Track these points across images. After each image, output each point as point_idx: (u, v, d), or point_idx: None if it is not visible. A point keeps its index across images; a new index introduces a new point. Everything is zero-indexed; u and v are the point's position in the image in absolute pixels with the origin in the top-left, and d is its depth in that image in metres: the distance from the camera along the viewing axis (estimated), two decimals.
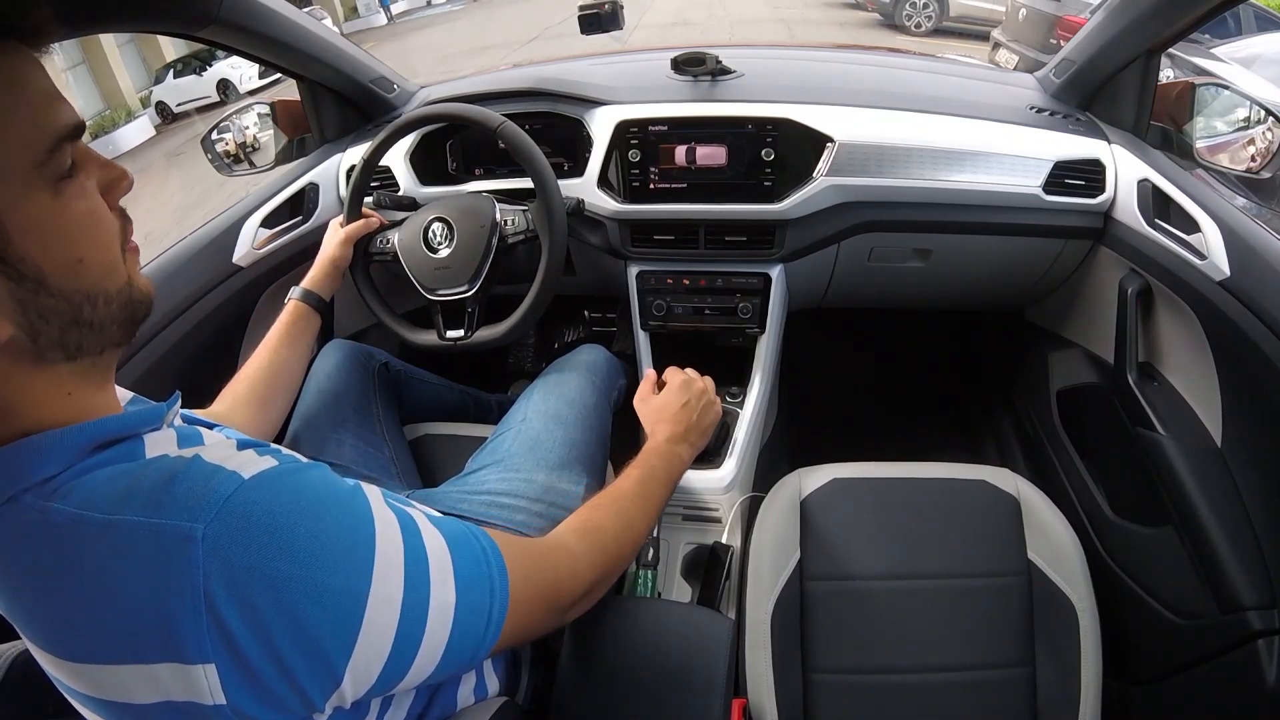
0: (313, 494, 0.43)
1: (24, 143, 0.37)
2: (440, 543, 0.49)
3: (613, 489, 0.75)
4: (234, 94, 10.68)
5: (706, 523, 1.12)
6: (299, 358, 0.97)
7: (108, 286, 0.42)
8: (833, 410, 1.70)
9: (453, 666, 0.49)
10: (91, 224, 0.41)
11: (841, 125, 1.09)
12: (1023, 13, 4.87)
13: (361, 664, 0.42)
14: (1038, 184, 1.08)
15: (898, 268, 1.23)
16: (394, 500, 0.50)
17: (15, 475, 0.40)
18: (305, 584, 0.40)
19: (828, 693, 0.84)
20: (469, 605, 0.48)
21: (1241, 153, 1.04)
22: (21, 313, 0.39)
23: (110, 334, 0.44)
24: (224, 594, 0.38)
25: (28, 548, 0.40)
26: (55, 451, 0.41)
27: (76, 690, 0.41)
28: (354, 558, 0.43)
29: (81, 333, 0.41)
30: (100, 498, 0.39)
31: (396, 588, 0.44)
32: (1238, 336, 0.82)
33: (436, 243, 1.05)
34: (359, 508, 0.45)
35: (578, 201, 1.15)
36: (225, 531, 0.38)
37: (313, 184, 1.26)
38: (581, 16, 1.19)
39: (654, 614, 0.77)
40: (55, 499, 0.39)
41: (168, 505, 0.39)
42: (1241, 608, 0.80)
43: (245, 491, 0.40)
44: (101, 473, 0.41)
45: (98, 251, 0.42)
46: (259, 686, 0.39)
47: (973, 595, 0.88)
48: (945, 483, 0.97)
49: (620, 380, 1.17)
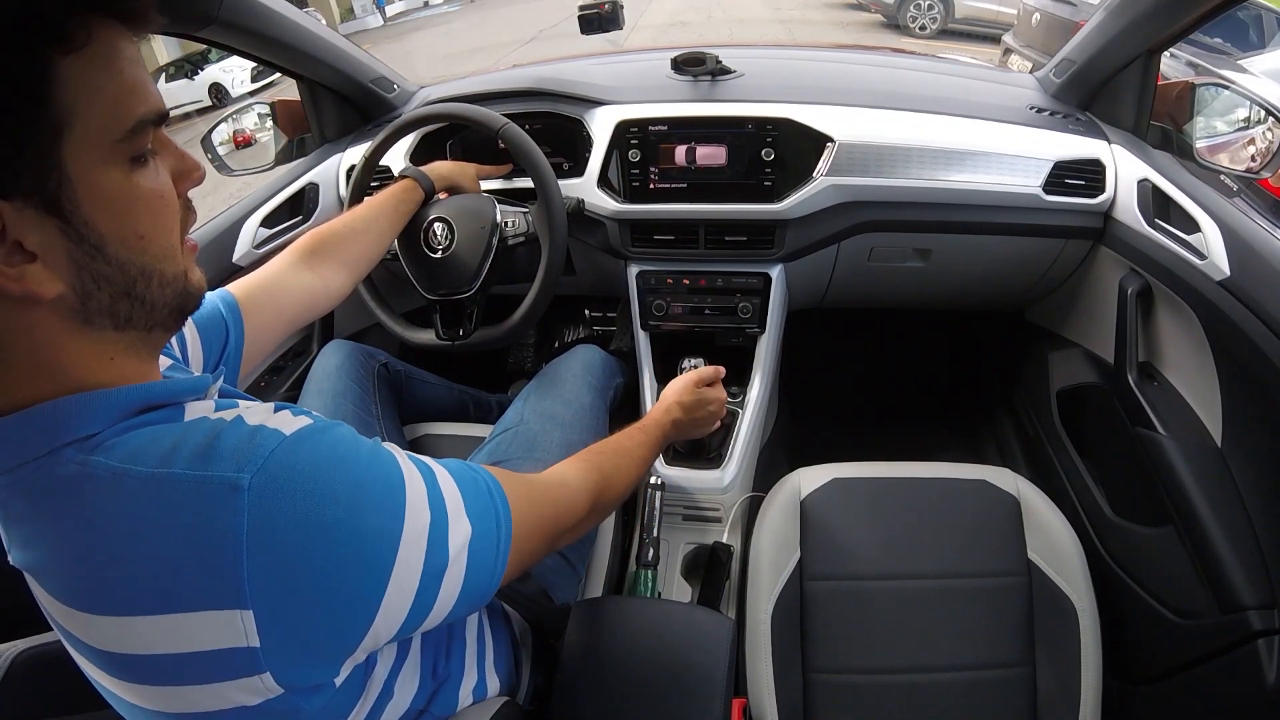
0: (348, 447, 0.45)
1: (110, 117, 0.39)
2: (450, 481, 0.52)
3: (616, 441, 0.80)
4: (227, 98, 10.63)
5: (706, 523, 1.12)
6: (393, 230, 1.01)
7: (164, 269, 0.44)
8: (833, 410, 1.70)
9: (471, 599, 0.51)
10: (158, 205, 0.43)
11: (841, 125, 1.09)
12: (1036, 17, 4.76)
13: (393, 603, 0.44)
14: (1038, 184, 1.08)
15: (898, 268, 1.23)
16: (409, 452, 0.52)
17: (58, 429, 0.40)
18: (346, 529, 0.42)
19: (828, 693, 0.84)
20: (481, 534, 0.51)
21: (1241, 153, 1.04)
22: (76, 273, 0.40)
23: (160, 316, 0.45)
24: (267, 540, 0.39)
25: (67, 500, 0.40)
26: (99, 410, 0.41)
27: (101, 649, 0.41)
28: (389, 501, 0.45)
29: (132, 306, 0.43)
30: (144, 453, 0.40)
31: (423, 526, 0.46)
32: (1238, 336, 0.82)
33: (436, 243, 1.05)
34: (385, 459, 0.47)
35: (578, 201, 1.15)
36: (270, 481, 0.40)
37: (313, 184, 1.26)
38: (581, 17, 1.19)
39: (654, 614, 0.77)
40: (97, 453, 0.40)
41: (214, 459, 0.40)
42: (1241, 608, 0.80)
43: (289, 444, 0.42)
44: (145, 431, 0.42)
45: (159, 233, 0.43)
46: (295, 632, 0.41)
47: (973, 595, 0.88)
48: (945, 483, 0.97)
49: (617, 379, 1.17)
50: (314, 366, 1.08)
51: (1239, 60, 3.97)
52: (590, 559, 0.97)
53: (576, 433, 0.98)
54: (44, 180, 0.37)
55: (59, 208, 0.38)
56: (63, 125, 0.37)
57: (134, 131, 0.40)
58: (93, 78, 0.38)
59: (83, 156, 0.38)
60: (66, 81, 0.37)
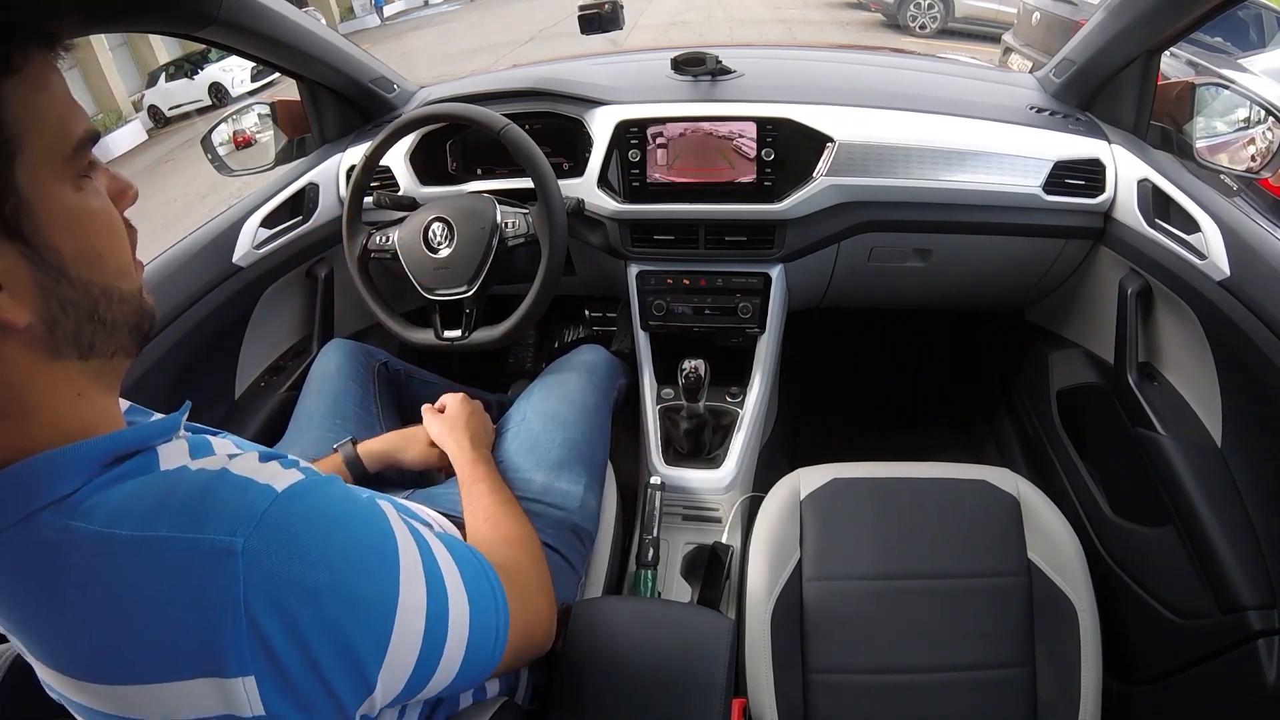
0: (341, 507, 0.44)
1: (55, 136, 0.39)
2: (447, 556, 0.51)
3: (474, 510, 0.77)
4: (226, 97, 10.65)
5: (706, 523, 1.12)
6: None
7: (122, 286, 0.44)
8: (833, 410, 1.70)
9: (470, 675, 0.51)
10: (109, 221, 0.43)
11: (841, 125, 1.09)
12: (1036, 16, 4.75)
13: (392, 671, 0.44)
14: (1038, 184, 1.08)
15: (898, 268, 1.23)
16: (403, 514, 0.51)
17: (30, 494, 0.39)
18: (343, 593, 0.41)
19: (827, 693, 0.84)
20: (480, 614, 0.51)
21: (1241, 153, 1.04)
22: (42, 300, 0.39)
23: (120, 339, 0.44)
24: (265, 605, 0.38)
25: (50, 568, 0.39)
26: (70, 467, 0.41)
27: (96, 710, 0.41)
28: (384, 567, 0.44)
29: (95, 330, 0.42)
30: (128, 513, 0.39)
31: (421, 598, 0.46)
32: (1238, 336, 0.82)
33: (436, 243, 1.05)
34: (380, 520, 0.47)
35: (578, 201, 1.15)
36: (265, 544, 0.39)
37: (313, 184, 1.26)
38: (581, 17, 1.19)
39: (654, 614, 0.77)
40: (77, 517, 0.39)
41: (204, 519, 0.39)
42: (1241, 608, 0.80)
43: (281, 504, 0.41)
44: (123, 487, 0.41)
45: (115, 249, 0.43)
46: (297, 695, 0.40)
47: (973, 595, 0.88)
48: (945, 483, 0.97)
49: (620, 380, 1.17)
50: (314, 366, 1.08)
51: (1239, 59, 3.97)
52: (590, 559, 0.97)
53: (579, 432, 0.98)
54: (1, 206, 0.37)
55: (19, 232, 0.38)
56: (14, 148, 0.37)
57: (78, 149, 0.40)
58: (34, 99, 0.38)
59: (35, 178, 0.38)
60: (10, 104, 0.37)
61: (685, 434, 1.14)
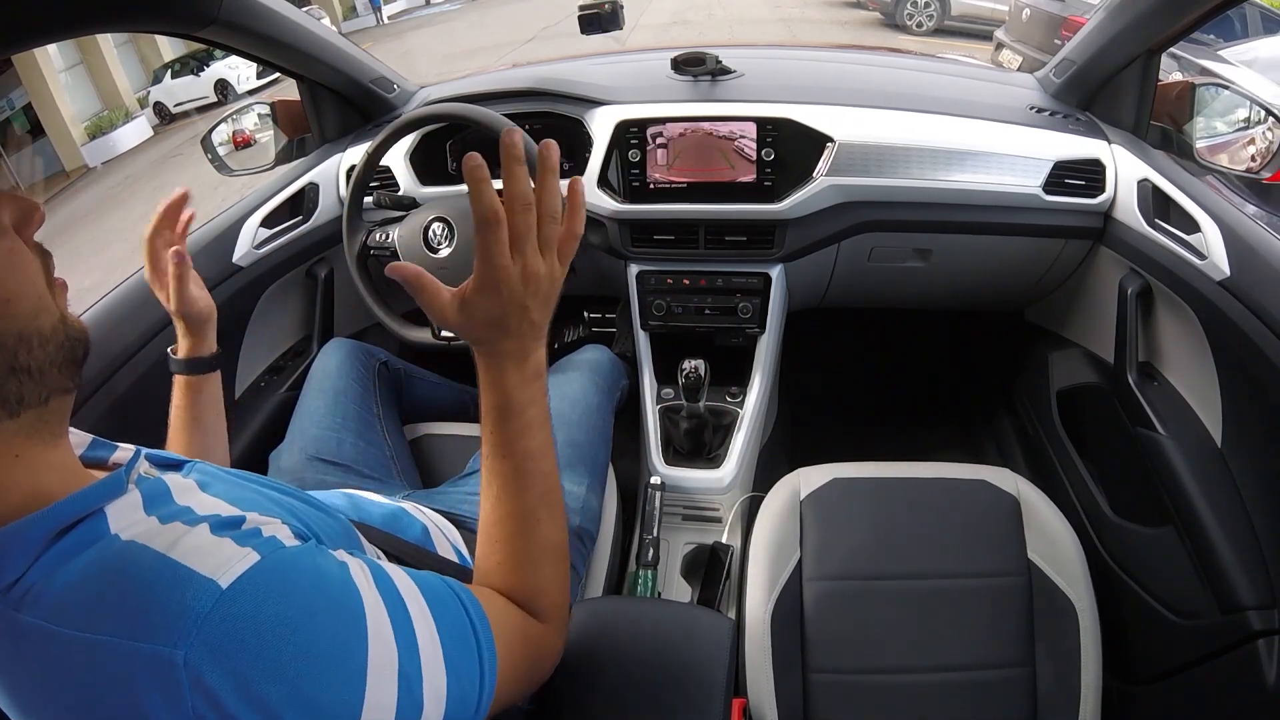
0: (300, 598, 0.39)
1: None
2: (428, 624, 0.45)
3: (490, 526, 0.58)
4: (232, 94, 10.64)
5: (706, 523, 1.12)
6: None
7: (41, 326, 0.40)
8: (833, 410, 1.70)
9: None
10: (12, 261, 0.39)
11: (841, 125, 1.09)
12: (1026, 13, 4.86)
13: None
14: (1038, 184, 1.08)
15: (898, 268, 1.23)
16: (381, 573, 0.45)
17: None
18: (296, 704, 0.37)
19: (827, 693, 0.84)
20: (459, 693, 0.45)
21: (1241, 153, 1.04)
22: None
23: (51, 379, 0.40)
24: (217, 714, 0.36)
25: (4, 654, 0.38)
26: (11, 553, 0.38)
27: None
28: (347, 667, 0.40)
29: (20, 381, 0.38)
30: (69, 608, 0.37)
31: (391, 695, 0.41)
32: (1238, 336, 0.82)
33: (436, 243, 1.05)
34: (351, 603, 0.42)
35: None
36: (208, 655, 0.35)
37: (313, 184, 1.26)
38: (581, 16, 1.19)
39: (654, 614, 0.77)
40: (24, 607, 0.37)
41: (143, 626, 0.36)
42: (1241, 608, 0.80)
43: (224, 605, 0.37)
44: (70, 569, 0.38)
45: (24, 288, 0.39)
46: None
47: (972, 595, 0.88)
48: (945, 482, 0.97)
49: (623, 381, 1.17)
50: (314, 365, 1.08)
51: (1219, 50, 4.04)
52: (590, 559, 0.97)
53: (581, 432, 0.98)
54: None
55: None
56: None
57: None
58: None
59: None
60: None
61: (685, 434, 1.14)
